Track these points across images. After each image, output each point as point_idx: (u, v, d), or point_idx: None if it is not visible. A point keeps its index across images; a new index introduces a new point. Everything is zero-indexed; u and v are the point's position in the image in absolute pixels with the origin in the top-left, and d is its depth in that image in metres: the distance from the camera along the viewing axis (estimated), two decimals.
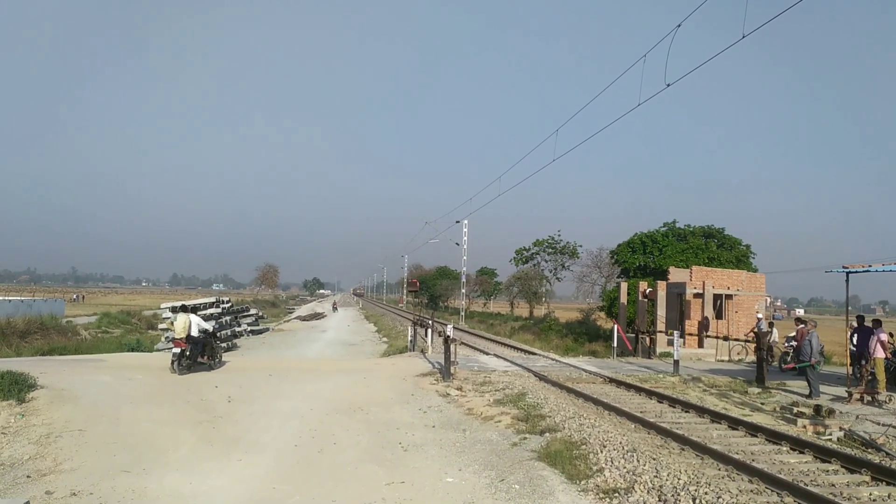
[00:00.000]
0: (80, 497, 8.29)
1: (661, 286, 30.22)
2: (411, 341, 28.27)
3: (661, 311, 29.83)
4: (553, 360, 25.70)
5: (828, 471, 9.96)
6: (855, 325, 19.38)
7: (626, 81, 18.45)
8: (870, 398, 15.75)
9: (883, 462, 10.39)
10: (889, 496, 8.78)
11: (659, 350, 28.24)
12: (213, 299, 42.38)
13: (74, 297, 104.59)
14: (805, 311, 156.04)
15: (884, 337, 17.12)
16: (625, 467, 9.44)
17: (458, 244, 55.33)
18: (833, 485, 9.27)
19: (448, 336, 19.28)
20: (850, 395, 15.99)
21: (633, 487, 8.59)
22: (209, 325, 19.48)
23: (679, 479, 8.88)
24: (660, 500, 8.17)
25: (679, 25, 14.04)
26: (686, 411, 14.58)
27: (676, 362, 21.58)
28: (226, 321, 39.94)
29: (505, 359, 25.16)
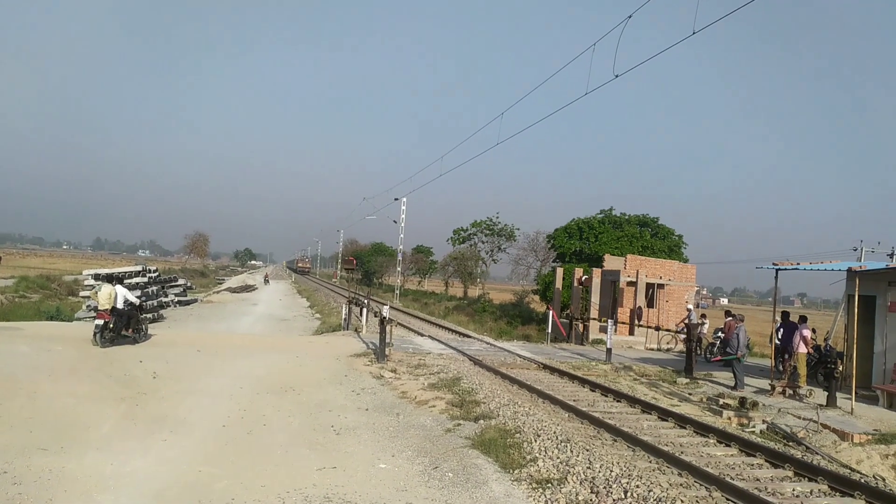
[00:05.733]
0: None
1: (596, 273, 30.67)
2: (345, 320, 27.93)
3: (595, 299, 30.31)
4: (488, 343, 25.80)
5: (752, 465, 10.22)
6: (780, 320, 19.99)
7: (576, 69, 18.46)
8: (791, 392, 16.31)
9: (805, 457, 10.74)
10: (811, 492, 9.07)
11: (592, 337, 28.72)
12: (139, 268, 41.10)
13: None
14: (729, 301, 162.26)
15: (807, 333, 17.72)
16: (558, 457, 9.46)
17: (395, 222, 54.98)
18: (758, 479, 9.50)
19: (384, 317, 19.09)
20: (773, 388, 16.52)
21: (566, 478, 8.59)
22: (135, 297, 18.77)
23: (611, 471, 8.93)
24: (592, 493, 8.19)
25: (630, 17, 14.05)
26: (618, 401, 14.79)
27: (609, 350, 21.91)
28: (152, 291, 38.78)
29: (440, 341, 25.11)
